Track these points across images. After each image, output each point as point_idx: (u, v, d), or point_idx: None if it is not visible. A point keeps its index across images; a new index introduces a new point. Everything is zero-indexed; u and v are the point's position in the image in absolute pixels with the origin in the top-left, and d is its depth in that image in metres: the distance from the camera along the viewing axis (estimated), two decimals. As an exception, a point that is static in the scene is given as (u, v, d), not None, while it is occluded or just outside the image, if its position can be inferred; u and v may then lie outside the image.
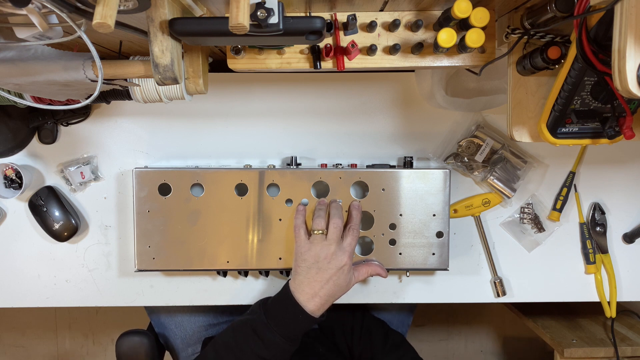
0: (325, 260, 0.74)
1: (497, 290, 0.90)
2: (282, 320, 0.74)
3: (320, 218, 0.78)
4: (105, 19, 0.42)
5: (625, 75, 0.42)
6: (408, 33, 0.63)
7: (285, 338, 0.73)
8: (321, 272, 0.74)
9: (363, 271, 0.79)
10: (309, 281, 0.75)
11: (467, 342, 1.81)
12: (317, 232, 0.76)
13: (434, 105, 0.86)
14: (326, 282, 0.74)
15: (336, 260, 0.74)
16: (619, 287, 0.90)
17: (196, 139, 0.88)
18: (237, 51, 0.63)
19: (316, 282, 0.74)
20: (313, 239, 0.77)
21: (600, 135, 0.63)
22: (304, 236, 0.78)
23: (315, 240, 0.76)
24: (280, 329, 0.73)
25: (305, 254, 0.76)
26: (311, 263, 0.75)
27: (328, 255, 0.75)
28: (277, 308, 0.76)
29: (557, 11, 0.54)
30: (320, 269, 0.74)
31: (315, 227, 0.77)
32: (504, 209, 0.90)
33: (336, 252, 0.75)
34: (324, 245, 0.75)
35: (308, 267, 0.75)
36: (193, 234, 0.82)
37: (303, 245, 0.77)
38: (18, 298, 0.90)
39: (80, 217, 0.89)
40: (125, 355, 0.96)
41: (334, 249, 0.75)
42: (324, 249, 0.75)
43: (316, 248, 0.75)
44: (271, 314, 0.75)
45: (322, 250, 0.75)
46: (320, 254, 0.75)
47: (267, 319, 0.74)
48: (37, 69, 0.55)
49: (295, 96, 0.88)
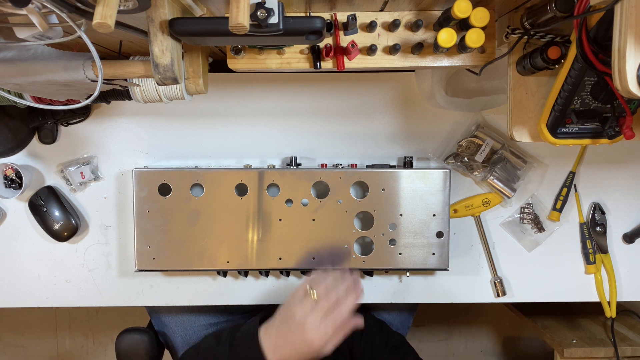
0: (296, 324, 0.69)
1: (497, 290, 0.90)
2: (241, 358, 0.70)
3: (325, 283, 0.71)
4: (105, 19, 0.42)
5: (625, 75, 0.42)
6: (408, 33, 0.63)
7: None
8: (288, 333, 0.69)
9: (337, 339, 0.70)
10: (277, 333, 0.70)
11: (467, 342, 1.81)
12: (311, 292, 0.70)
13: (434, 105, 0.86)
14: (290, 345, 0.68)
15: (306, 332, 0.68)
16: (619, 287, 0.90)
17: (196, 139, 0.88)
18: (237, 51, 0.63)
19: (282, 338, 0.69)
20: (304, 299, 0.71)
21: (600, 135, 0.63)
22: (302, 293, 0.72)
23: (304, 301, 0.70)
24: None
25: (289, 306, 0.71)
26: (287, 317, 0.70)
27: (301, 321, 0.68)
28: (241, 344, 0.72)
29: (557, 11, 0.54)
30: (289, 328, 0.69)
31: (313, 285, 0.71)
32: (504, 209, 0.90)
33: (311, 324, 0.68)
34: (305, 309, 0.69)
35: (282, 319, 0.71)
36: (193, 234, 0.82)
37: (294, 297, 0.72)
38: (18, 298, 0.90)
39: (80, 217, 0.89)
40: (125, 353, 0.96)
41: (312, 319, 0.68)
42: (302, 314, 0.69)
43: (297, 308, 0.70)
44: (235, 348, 0.71)
45: (299, 313, 0.69)
46: (296, 315, 0.69)
47: (230, 351, 0.71)
48: (37, 69, 0.55)
49: (295, 96, 0.88)
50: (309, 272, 0.83)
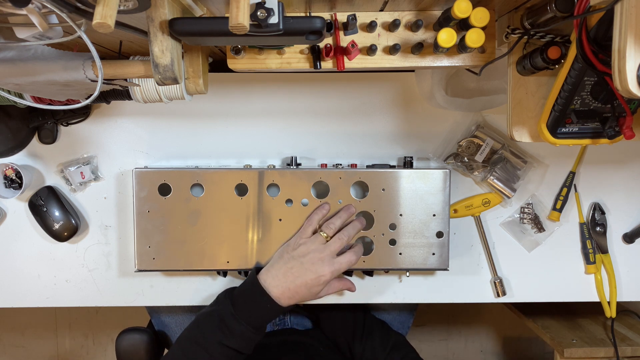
0: (310, 261, 0.74)
1: (497, 290, 0.90)
2: (250, 310, 0.73)
3: (334, 224, 0.77)
4: (105, 19, 0.42)
5: (625, 75, 0.42)
6: (408, 33, 0.63)
7: (252, 327, 0.72)
8: (301, 270, 0.74)
9: (334, 285, 0.78)
10: (287, 272, 0.74)
11: (467, 342, 1.81)
12: (322, 234, 0.76)
13: (434, 105, 0.86)
14: (302, 281, 0.74)
15: (319, 268, 0.74)
16: (619, 287, 0.90)
17: (196, 139, 0.88)
18: (237, 51, 0.63)
19: (292, 275, 0.74)
20: (315, 236, 0.77)
21: (600, 135, 0.63)
22: (309, 231, 0.78)
23: (316, 239, 0.76)
24: (248, 318, 0.73)
25: (299, 245, 0.76)
26: (297, 255, 0.75)
27: (316, 258, 0.74)
28: (245, 297, 0.75)
29: (557, 11, 0.54)
30: (302, 265, 0.74)
31: (324, 229, 0.77)
32: (504, 209, 0.90)
33: (324, 260, 0.74)
34: (319, 248, 0.75)
35: (292, 257, 0.75)
36: (193, 234, 0.82)
37: (302, 237, 0.77)
38: (18, 298, 0.90)
39: (80, 217, 0.89)
40: (125, 352, 0.96)
41: (325, 256, 0.74)
42: (316, 252, 0.74)
43: (310, 246, 0.75)
44: (238, 304, 0.74)
45: (314, 252, 0.74)
46: (309, 252, 0.74)
47: (235, 308, 0.74)
48: (37, 69, 0.55)
49: (295, 96, 0.88)
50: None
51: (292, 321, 1.03)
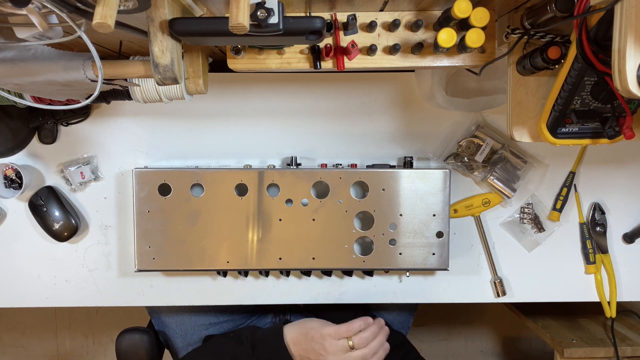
0: (322, 357, 0.76)
1: (497, 290, 0.90)
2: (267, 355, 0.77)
3: (366, 339, 0.78)
4: (105, 19, 0.42)
5: (625, 75, 0.42)
6: (408, 33, 0.63)
7: None
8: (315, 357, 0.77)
9: None
10: (307, 349, 0.77)
11: (467, 342, 1.81)
12: (350, 343, 0.77)
13: (434, 105, 0.86)
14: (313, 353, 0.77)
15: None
16: (619, 287, 0.90)
17: (196, 139, 0.88)
18: (237, 51, 0.63)
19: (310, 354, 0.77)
20: (342, 343, 0.77)
21: (600, 135, 0.63)
22: (343, 333, 0.78)
23: (342, 348, 0.77)
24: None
25: (326, 340, 0.77)
26: (319, 349, 0.76)
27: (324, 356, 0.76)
28: (266, 346, 0.78)
29: (557, 11, 0.54)
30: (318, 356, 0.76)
31: (354, 340, 0.77)
32: (504, 209, 0.90)
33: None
34: (338, 355, 0.76)
35: (314, 345, 0.77)
36: (193, 234, 0.82)
37: (332, 336, 0.77)
38: (18, 298, 0.90)
39: (80, 217, 0.89)
40: (125, 353, 0.96)
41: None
42: (334, 355, 0.76)
43: (333, 348, 0.76)
44: (259, 349, 0.78)
45: (333, 353, 0.76)
46: (329, 352, 0.76)
47: (253, 352, 0.77)
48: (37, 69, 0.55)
49: (295, 96, 0.88)
50: (309, 273, 0.84)
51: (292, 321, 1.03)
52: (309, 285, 0.90)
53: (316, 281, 0.90)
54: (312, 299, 0.90)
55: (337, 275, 0.90)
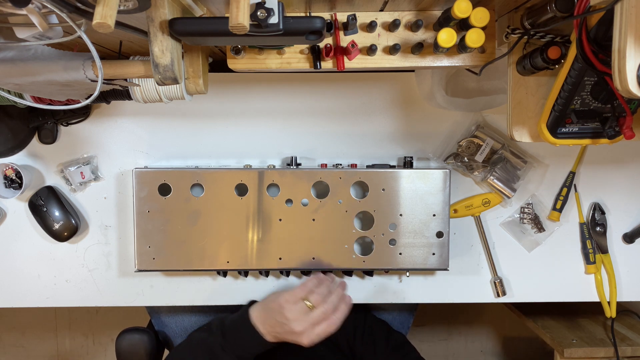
0: (288, 329, 0.76)
1: (497, 290, 0.90)
2: (237, 342, 0.77)
3: (320, 295, 0.78)
4: (105, 19, 0.42)
5: (625, 75, 0.42)
6: (408, 33, 0.63)
7: (238, 358, 0.76)
8: (282, 331, 0.76)
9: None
10: (272, 323, 0.77)
11: (467, 342, 1.81)
12: (307, 303, 0.77)
13: (434, 105, 0.86)
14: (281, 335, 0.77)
15: (297, 337, 0.76)
16: (619, 287, 0.90)
17: (196, 139, 0.88)
18: (237, 51, 0.63)
19: (277, 327, 0.76)
20: (300, 305, 0.77)
21: (600, 135, 0.63)
22: (300, 294, 0.78)
23: (300, 309, 0.77)
24: (235, 349, 0.76)
25: (283, 309, 0.77)
26: (279, 320, 0.76)
27: (294, 330, 0.76)
28: (234, 330, 0.78)
29: (557, 11, 0.54)
30: (283, 329, 0.76)
31: (310, 299, 0.77)
32: (504, 209, 0.90)
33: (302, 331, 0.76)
34: (301, 320, 0.76)
35: (275, 319, 0.77)
36: (193, 234, 0.82)
37: (289, 301, 0.77)
38: (18, 298, 0.90)
39: (80, 217, 0.89)
40: (125, 353, 0.96)
41: (304, 328, 0.76)
42: (297, 323, 0.76)
43: (293, 315, 0.76)
44: (227, 335, 0.77)
45: (294, 322, 0.76)
46: (290, 323, 0.76)
47: (224, 340, 0.77)
48: (37, 69, 0.55)
49: (295, 96, 0.88)
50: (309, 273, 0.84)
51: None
52: (309, 285, 0.90)
53: (316, 281, 0.90)
54: (312, 299, 0.90)
55: (337, 275, 0.90)
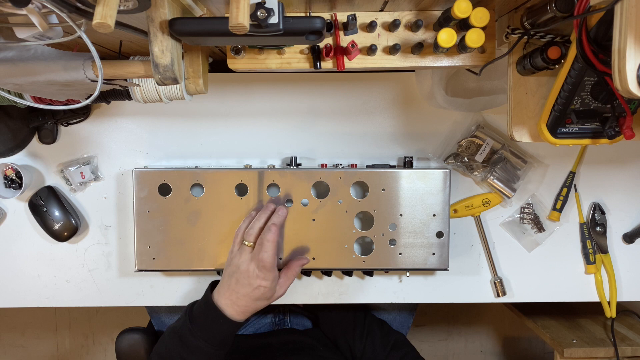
0: (243, 275, 0.73)
1: (497, 290, 0.90)
2: (204, 325, 0.73)
3: (254, 229, 0.75)
4: (105, 19, 0.42)
5: (625, 75, 0.42)
6: (408, 33, 0.63)
7: (208, 342, 0.72)
8: (239, 285, 0.73)
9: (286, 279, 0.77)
10: (229, 288, 0.73)
11: (467, 342, 1.81)
12: (246, 244, 0.74)
13: (434, 105, 0.86)
14: (243, 295, 0.73)
15: (252, 280, 0.72)
16: (619, 287, 0.90)
17: (196, 139, 0.88)
18: (237, 51, 0.63)
19: (234, 291, 0.73)
20: (242, 249, 0.75)
21: (600, 135, 0.63)
22: (238, 243, 0.76)
23: (242, 251, 0.74)
24: (204, 333, 0.72)
25: (231, 260, 0.75)
26: (232, 272, 0.74)
27: (245, 271, 0.73)
28: (199, 313, 0.75)
29: (557, 11, 0.54)
30: (238, 280, 0.73)
31: (246, 238, 0.75)
32: (504, 209, 0.90)
33: (252, 272, 0.72)
34: (245, 259, 0.73)
35: (229, 274, 0.74)
36: (193, 234, 0.82)
37: (232, 251, 0.76)
38: (18, 298, 0.90)
39: (80, 217, 0.89)
40: (125, 353, 0.96)
41: (253, 267, 0.73)
42: (244, 262, 0.73)
43: (239, 259, 0.74)
44: (195, 319, 0.74)
45: (242, 264, 0.73)
46: (241, 266, 0.73)
47: (191, 324, 0.73)
48: (37, 69, 0.55)
49: (295, 96, 0.88)
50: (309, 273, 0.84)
51: (291, 321, 1.03)
52: (309, 285, 0.90)
53: (316, 281, 0.90)
54: (312, 299, 0.90)
55: (337, 275, 0.90)
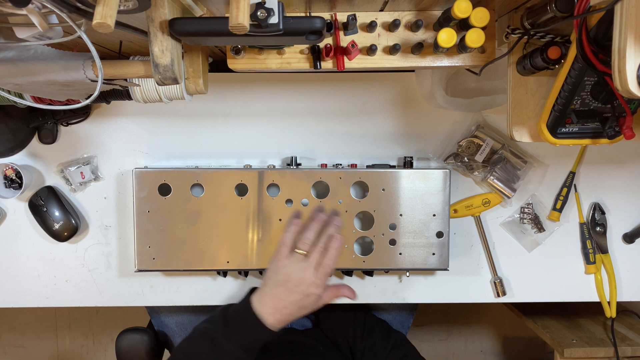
0: (294, 283, 0.72)
1: (497, 290, 0.90)
2: (240, 331, 0.72)
3: (308, 238, 0.74)
4: (105, 19, 0.42)
5: (625, 75, 0.42)
6: (408, 33, 0.63)
7: (242, 348, 0.71)
8: (288, 293, 0.72)
9: (329, 295, 0.76)
10: (274, 297, 0.72)
11: (467, 342, 1.81)
12: (299, 252, 0.73)
13: (434, 105, 0.86)
14: (291, 303, 0.72)
15: (306, 287, 0.71)
16: (619, 287, 0.90)
17: (196, 139, 0.88)
18: (237, 51, 0.63)
19: (281, 300, 0.72)
20: (293, 257, 0.73)
21: (600, 135, 0.63)
22: (286, 252, 0.74)
23: (294, 259, 0.73)
24: (238, 339, 0.71)
25: (280, 269, 0.73)
26: (281, 280, 0.72)
27: (299, 279, 0.72)
28: (236, 319, 0.74)
29: (557, 11, 0.54)
30: (288, 289, 0.72)
31: (300, 246, 0.74)
32: (504, 209, 0.90)
33: (308, 280, 0.72)
34: (300, 267, 0.72)
35: (277, 283, 0.73)
36: (193, 234, 0.82)
37: (281, 260, 0.74)
38: (18, 298, 0.90)
39: (80, 217, 0.89)
40: (125, 353, 0.96)
41: (308, 275, 0.72)
42: (298, 271, 0.72)
43: (291, 268, 0.72)
44: (230, 324, 0.73)
45: (295, 272, 0.72)
46: (292, 275, 0.72)
47: (225, 328, 0.72)
48: (37, 69, 0.55)
49: (295, 96, 0.88)
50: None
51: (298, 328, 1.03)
52: (309, 285, 0.90)
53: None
54: (312, 299, 0.90)
55: (337, 275, 0.90)
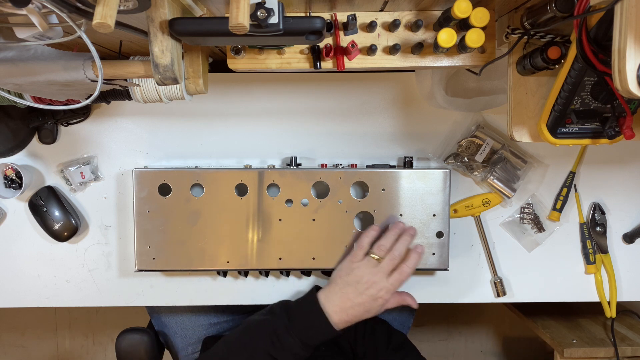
0: (365, 285, 0.74)
1: (497, 290, 0.90)
2: (304, 326, 0.74)
3: (385, 245, 0.76)
4: (105, 19, 0.42)
5: (625, 75, 0.42)
6: (408, 33, 0.63)
7: (303, 344, 0.73)
8: (357, 294, 0.74)
9: (393, 301, 0.79)
10: (342, 296, 0.75)
11: (467, 342, 1.81)
12: (374, 257, 0.76)
13: (434, 105, 0.86)
14: (358, 304, 0.74)
15: (375, 291, 0.74)
16: (619, 287, 0.90)
17: (196, 139, 0.88)
18: (237, 51, 0.63)
19: (349, 300, 0.74)
20: (367, 260, 0.76)
21: (600, 135, 0.63)
22: (361, 254, 0.77)
23: (368, 262, 0.76)
24: (301, 333, 0.73)
25: (353, 270, 0.75)
26: (352, 281, 0.75)
27: (370, 282, 0.74)
28: (301, 312, 0.75)
29: (557, 11, 0.54)
30: (357, 290, 0.74)
31: (375, 251, 0.76)
32: (504, 209, 0.90)
33: (379, 284, 0.74)
34: (372, 271, 0.75)
35: (347, 283, 0.75)
36: (193, 234, 0.82)
37: (354, 262, 0.76)
38: (18, 298, 0.90)
39: (80, 217, 0.89)
40: (125, 353, 0.96)
41: (379, 279, 0.74)
42: (370, 275, 0.74)
43: (364, 270, 0.75)
44: (294, 318, 0.74)
45: (367, 275, 0.75)
46: (364, 278, 0.74)
47: (289, 321, 0.74)
48: (37, 69, 0.55)
49: (295, 96, 0.88)
50: (309, 273, 0.83)
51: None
52: (309, 285, 0.90)
53: (316, 281, 0.90)
54: (312, 299, 0.90)
55: (337, 275, 0.90)
